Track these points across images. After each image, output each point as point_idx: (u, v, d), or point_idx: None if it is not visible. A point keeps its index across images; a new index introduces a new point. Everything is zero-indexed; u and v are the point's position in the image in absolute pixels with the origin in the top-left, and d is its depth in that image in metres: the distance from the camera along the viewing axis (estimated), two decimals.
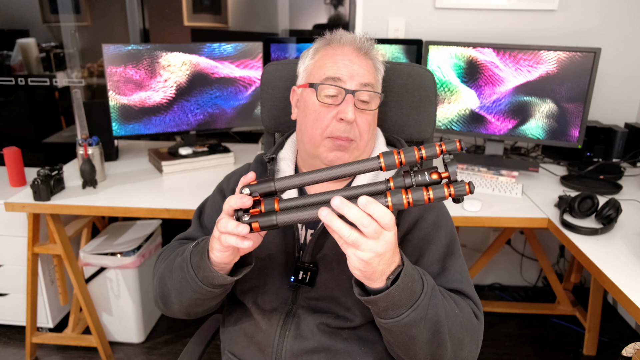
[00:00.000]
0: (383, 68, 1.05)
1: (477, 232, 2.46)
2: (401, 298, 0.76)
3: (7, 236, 1.93)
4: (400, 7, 2.16)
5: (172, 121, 1.99)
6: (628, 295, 1.16)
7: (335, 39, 1.00)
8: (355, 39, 1.00)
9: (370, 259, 0.72)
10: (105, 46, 1.82)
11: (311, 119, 0.98)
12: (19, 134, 2.66)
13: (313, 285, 0.98)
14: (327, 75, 0.96)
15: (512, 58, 1.85)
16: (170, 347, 2.10)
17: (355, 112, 0.94)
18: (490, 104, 1.93)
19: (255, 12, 2.57)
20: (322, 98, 0.96)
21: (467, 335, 0.87)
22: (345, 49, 0.98)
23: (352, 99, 0.94)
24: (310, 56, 1.03)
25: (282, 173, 1.06)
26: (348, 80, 0.95)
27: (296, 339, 0.96)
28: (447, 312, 0.83)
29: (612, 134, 2.05)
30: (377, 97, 0.99)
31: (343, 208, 0.70)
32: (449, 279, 0.93)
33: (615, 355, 2.10)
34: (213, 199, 1.15)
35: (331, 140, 0.96)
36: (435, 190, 0.73)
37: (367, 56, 0.99)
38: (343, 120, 0.94)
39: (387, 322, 0.79)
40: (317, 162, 1.00)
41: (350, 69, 0.96)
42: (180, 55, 1.92)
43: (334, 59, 0.97)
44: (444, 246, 0.96)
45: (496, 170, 1.89)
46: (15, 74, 2.52)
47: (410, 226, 0.97)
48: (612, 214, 1.48)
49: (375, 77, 1.00)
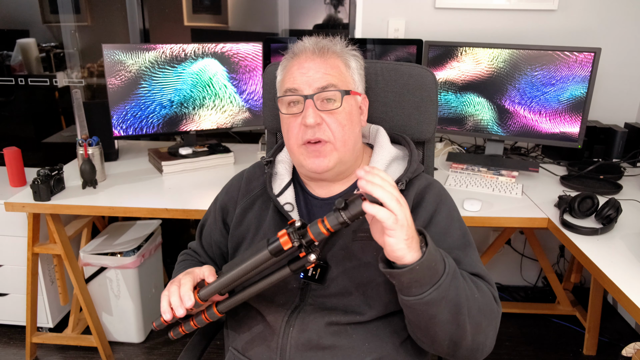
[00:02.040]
0: (357, 61, 1.06)
1: (477, 232, 2.46)
2: (424, 275, 0.78)
3: (7, 236, 1.93)
4: (400, 7, 2.16)
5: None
6: (628, 295, 1.16)
7: (295, 50, 1.04)
8: (311, 42, 1.02)
9: (408, 222, 0.76)
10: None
11: (285, 131, 1.03)
12: (19, 134, 2.66)
13: (323, 282, 0.99)
14: (286, 87, 1.00)
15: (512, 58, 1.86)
16: (170, 347, 2.10)
17: (318, 115, 0.97)
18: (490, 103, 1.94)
19: (255, 12, 2.57)
20: (286, 110, 1.01)
21: (486, 319, 0.88)
22: (301, 58, 1.01)
23: (311, 103, 0.97)
24: (279, 72, 1.07)
25: (279, 175, 1.10)
26: (305, 87, 0.98)
27: (301, 335, 0.96)
28: (467, 296, 0.84)
29: (612, 134, 2.05)
30: (339, 95, 0.99)
31: (372, 178, 0.75)
32: (470, 264, 0.95)
33: (615, 355, 2.10)
34: (213, 216, 1.17)
35: (305, 148, 0.99)
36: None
37: (326, 55, 1.01)
38: (308, 126, 0.97)
39: (410, 299, 0.81)
40: (304, 171, 1.04)
41: (304, 76, 0.99)
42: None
43: (290, 72, 1.01)
44: (460, 237, 0.99)
45: (496, 170, 1.89)
46: (15, 74, 2.52)
47: (427, 221, 0.99)
48: (612, 214, 1.48)
49: (339, 75, 1.00)
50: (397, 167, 1.06)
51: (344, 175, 1.06)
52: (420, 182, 1.04)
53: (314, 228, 0.80)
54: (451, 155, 2.01)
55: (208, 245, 1.16)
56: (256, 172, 1.15)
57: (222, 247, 1.14)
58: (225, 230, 1.13)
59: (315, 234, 0.80)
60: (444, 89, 1.99)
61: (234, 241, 1.09)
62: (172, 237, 2.56)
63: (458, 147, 2.20)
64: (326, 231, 0.79)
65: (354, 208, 0.77)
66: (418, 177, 1.05)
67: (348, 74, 1.03)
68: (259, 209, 1.09)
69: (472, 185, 1.79)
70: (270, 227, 1.04)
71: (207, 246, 1.16)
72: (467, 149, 2.20)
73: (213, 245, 1.15)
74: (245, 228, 1.08)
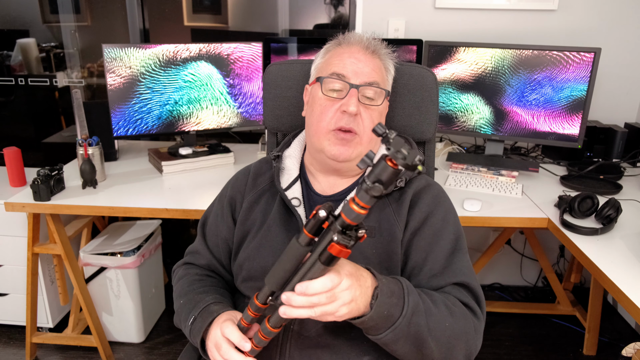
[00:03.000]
0: (393, 68, 1.10)
1: (477, 232, 2.46)
2: (377, 322, 0.82)
3: (7, 236, 1.93)
4: (400, 7, 2.16)
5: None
6: (628, 295, 1.16)
7: (345, 40, 1.06)
8: (364, 38, 1.05)
9: (347, 308, 0.77)
10: None
11: (317, 112, 1.03)
12: (19, 134, 2.66)
13: None
14: (333, 70, 1.02)
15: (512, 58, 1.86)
16: (170, 347, 2.10)
17: (359, 107, 0.99)
18: (490, 104, 1.94)
19: (255, 12, 2.57)
20: (327, 92, 1.01)
21: (461, 342, 0.90)
22: (353, 48, 1.03)
23: (355, 93, 0.99)
24: (321, 55, 1.09)
25: (287, 170, 1.10)
26: (353, 77, 1.00)
27: (300, 334, 0.97)
28: (432, 328, 0.86)
29: (612, 134, 2.05)
30: (383, 93, 1.02)
31: (292, 303, 0.76)
32: (455, 273, 0.96)
33: (615, 355, 2.10)
34: (216, 209, 1.16)
35: (335, 134, 1.00)
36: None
37: (375, 55, 1.04)
38: (346, 113, 0.98)
39: (369, 336, 0.86)
40: (322, 157, 1.04)
41: (355, 66, 1.01)
42: None
43: (341, 57, 1.03)
44: (452, 242, 0.99)
45: (496, 170, 1.89)
46: (15, 74, 2.52)
47: (421, 222, 0.99)
48: (612, 214, 1.48)
49: (382, 76, 1.04)
50: None
51: (353, 172, 1.07)
52: (420, 182, 1.05)
53: (349, 213, 0.70)
54: (451, 155, 2.01)
55: (214, 244, 1.13)
56: (263, 168, 1.15)
57: (229, 244, 1.12)
58: (234, 225, 1.12)
59: (353, 218, 0.71)
60: (444, 88, 1.99)
61: (239, 235, 1.08)
62: (172, 237, 2.56)
63: (458, 147, 2.20)
64: (362, 210, 0.70)
65: (382, 173, 0.67)
66: (418, 177, 1.06)
67: (387, 79, 1.08)
68: (265, 203, 1.08)
69: (472, 185, 1.79)
70: (276, 220, 1.04)
71: (212, 246, 1.14)
72: (467, 149, 2.20)
73: (220, 244, 1.12)
74: (251, 222, 1.08)
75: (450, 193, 1.08)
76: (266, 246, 1.03)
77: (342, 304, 0.77)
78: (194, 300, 1.03)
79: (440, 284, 0.96)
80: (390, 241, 0.99)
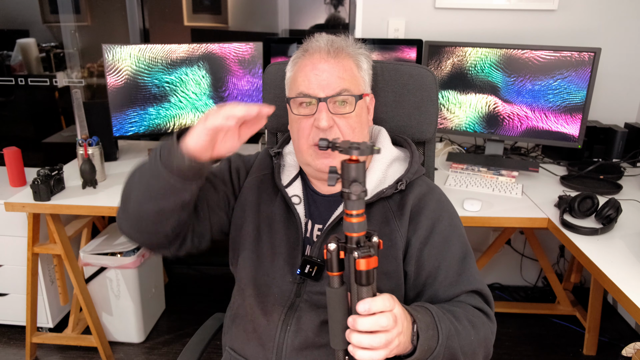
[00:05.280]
0: (367, 61, 1.06)
1: (477, 232, 2.46)
2: (418, 358, 0.80)
3: (7, 236, 1.93)
4: (400, 7, 2.16)
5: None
6: (628, 295, 1.16)
7: (309, 48, 1.01)
8: (324, 42, 1.00)
9: (402, 337, 0.75)
10: None
11: (295, 130, 1.02)
12: (19, 134, 2.67)
13: (319, 279, 0.99)
14: (299, 90, 0.99)
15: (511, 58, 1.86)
16: (170, 347, 2.10)
17: (331, 119, 0.97)
18: (490, 104, 1.94)
19: (255, 12, 2.57)
20: (297, 111, 1.00)
21: (482, 348, 0.92)
22: (315, 58, 0.99)
23: (324, 107, 0.97)
24: (290, 68, 1.05)
25: (288, 166, 1.09)
26: (319, 90, 0.97)
27: (297, 334, 0.97)
28: (462, 345, 0.87)
29: (612, 134, 2.05)
30: (353, 99, 0.99)
31: (358, 327, 0.72)
32: (469, 280, 0.96)
33: (615, 355, 2.10)
34: (219, 174, 1.11)
35: (314, 149, 0.99)
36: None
37: (340, 56, 0.99)
38: (319, 128, 0.97)
39: None
40: (311, 169, 1.03)
41: (319, 78, 0.97)
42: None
43: (304, 72, 0.99)
44: (462, 245, 0.99)
45: (496, 170, 1.89)
46: (15, 74, 2.52)
47: (429, 229, 0.98)
48: (612, 214, 1.48)
49: (352, 77, 1.00)
50: (398, 167, 1.06)
51: None
52: (421, 187, 1.03)
53: (350, 227, 0.72)
54: (451, 155, 2.01)
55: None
56: (266, 160, 1.13)
57: (215, 207, 1.05)
58: (232, 189, 1.08)
59: (357, 229, 0.73)
60: (443, 88, 1.99)
61: (239, 231, 1.06)
62: None
63: (458, 147, 2.20)
64: (359, 217, 0.72)
65: (347, 173, 0.71)
66: (418, 180, 1.05)
67: (360, 76, 1.03)
68: (268, 195, 1.07)
69: (472, 185, 1.79)
70: (280, 222, 1.04)
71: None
72: (467, 149, 2.20)
73: (212, 179, 1.07)
74: (251, 223, 1.05)
75: (450, 193, 1.08)
76: (267, 241, 1.03)
77: (399, 332, 0.74)
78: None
79: (455, 292, 0.96)
80: (390, 246, 0.98)
